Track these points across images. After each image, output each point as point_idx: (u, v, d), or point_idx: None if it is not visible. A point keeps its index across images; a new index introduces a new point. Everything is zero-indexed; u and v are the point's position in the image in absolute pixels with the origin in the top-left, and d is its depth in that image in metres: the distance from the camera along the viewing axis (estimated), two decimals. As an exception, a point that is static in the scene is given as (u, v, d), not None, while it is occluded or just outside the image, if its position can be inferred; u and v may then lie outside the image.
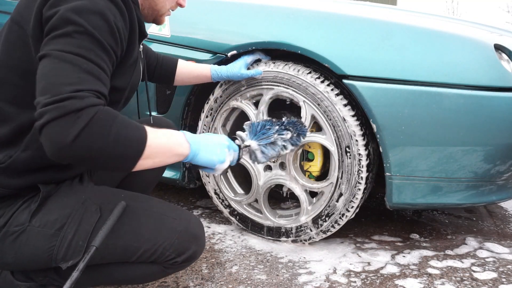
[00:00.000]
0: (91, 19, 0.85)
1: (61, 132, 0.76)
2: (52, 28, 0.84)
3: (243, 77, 1.51)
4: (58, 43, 0.82)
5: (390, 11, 2.14)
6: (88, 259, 0.96)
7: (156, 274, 1.09)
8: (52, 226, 1.00)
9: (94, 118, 0.79)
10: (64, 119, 0.76)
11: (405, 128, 1.36)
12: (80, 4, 0.85)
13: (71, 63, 0.81)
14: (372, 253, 1.55)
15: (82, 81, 0.81)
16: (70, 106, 0.77)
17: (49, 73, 0.80)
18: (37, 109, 0.78)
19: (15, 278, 1.13)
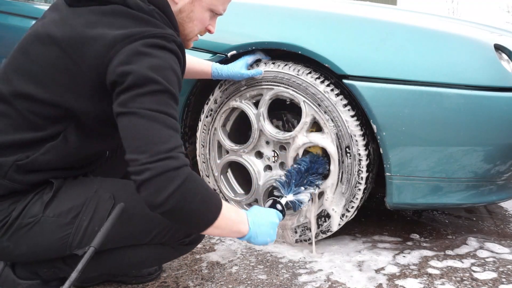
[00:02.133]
0: (167, 76, 0.94)
1: (159, 188, 0.88)
2: (132, 85, 0.91)
3: (244, 77, 1.51)
4: (143, 101, 0.90)
5: (390, 11, 2.14)
6: (87, 259, 0.98)
7: (165, 255, 1.17)
8: (66, 215, 1.05)
9: (187, 178, 0.90)
10: (164, 176, 0.88)
11: (405, 128, 1.36)
12: (155, 63, 0.93)
13: (159, 121, 0.91)
14: (372, 253, 1.55)
15: (171, 139, 0.91)
16: (168, 165, 0.88)
17: (142, 132, 0.89)
18: (135, 165, 0.88)
19: (17, 276, 1.15)
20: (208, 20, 1.14)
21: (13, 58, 1.04)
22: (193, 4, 1.09)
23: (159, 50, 0.96)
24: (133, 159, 0.89)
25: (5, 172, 1.01)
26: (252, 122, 1.56)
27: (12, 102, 1.00)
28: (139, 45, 0.93)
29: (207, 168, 1.70)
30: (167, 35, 0.98)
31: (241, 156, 1.63)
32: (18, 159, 1.01)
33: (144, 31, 0.95)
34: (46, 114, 1.01)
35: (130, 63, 0.92)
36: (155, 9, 1.01)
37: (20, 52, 1.03)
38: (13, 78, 1.01)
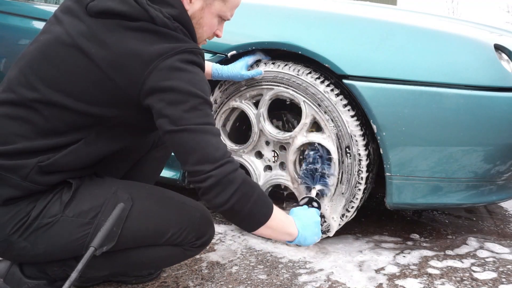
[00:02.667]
0: (203, 87, 1.03)
1: (222, 189, 0.99)
2: (176, 101, 0.98)
3: (244, 78, 1.51)
4: (191, 117, 0.99)
5: (390, 11, 2.14)
6: (87, 260, 0.98)
7: (177, 256, 1.20)
8: (86, 215, 1.07)
9: (244, 179, 1.02)
10: (226, 179, 0.99)
11: (405, 128, 1.36)
12: (192, 77, 1.01)
13: (208, 133, 1.00)
14: (372, 253, 1.55)
15: (221, 145, 1.02)
16: (228, 169, 0.99)
17: (198, 146, 0.99)
18: (199, 175, 0.98)
19: (25, 275, 1.16)
20: (217, 25, 1.19)
21: (35, 63, 1.04)
22: (203, 11, 1.13)
23: (191, 65, 1.03)
24: (197, 171, 0.99)
25: (26, 174, 1.03)
26: (252, 122, 1.56)
27: (38, 108, 1.02)
28: (174, 60, 0.99)
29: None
30: (195, 49, 1.05)
31: (241, 156, 1.63)
32: (40, 161, 1.03)
33: (175, 47, 1.01)
34: (72, 121, 1.04)
35: (170, 79, 0.98)
36: (179, 26, 1.06)
37: (43, 59, 1.03)
38: (39, 86, 1.02)
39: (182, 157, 1.01)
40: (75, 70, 1.01)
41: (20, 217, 1.05)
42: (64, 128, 1.04)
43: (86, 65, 1.00)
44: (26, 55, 1.07)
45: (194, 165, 0.99)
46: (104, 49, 0.99)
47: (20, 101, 1.03)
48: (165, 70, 0.98)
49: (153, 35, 1.01)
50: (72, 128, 1.05)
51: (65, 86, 1.02)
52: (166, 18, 1.03)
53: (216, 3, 1.13)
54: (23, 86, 1.03)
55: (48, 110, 1.02)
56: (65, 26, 1.04)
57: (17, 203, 1.05)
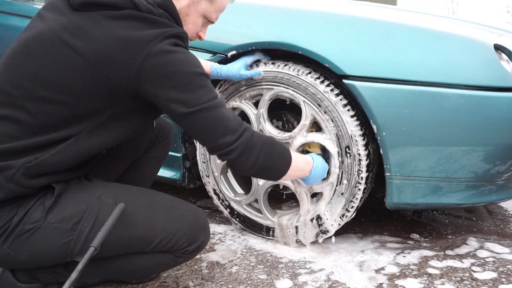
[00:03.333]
0: (198, 64, 1.05)
1: (249, 155, 1.10)
2: (181, 84, 1.01)
3: (243, 78, 1.51)
4: (201, 95, 1.03)
5: (390, 11, 2.14)
6: (87, 260, 0.98)
7: (168, 264, 1.19)
8: (68, 221, 1.04)
9: (262, 139, 1.14)
10: (249, 145, 1.09)
11: (405, 128, 1.36)
12: (186, 57, 1.03)
13: (219, 106, 1.06)
14: (372, 253, 1.55)
15: (232, 114, 1.09)
16: (247, 136, 1.09)
17: (217, 120, 1.05)
18: (225, 148, 1.07)
19: (17, 279, 1.14)
20: (200, 26, 1.19)
21: (19, 60, 1.01)
22: (189, 8, 1.13)
23: (180, 47, 1.03)
24: (221, 144, 1.06)
25: (12, 174, 1.00)
26: (252, 122, 1.56)
27: (25, 106, 1.00)
28: (164, 45, 0.99)
29: (207, 168, 1.70)
30: (181, 33, 1.05)
31: (241, 156, 1.63)
32: (27, 161, 1.00)
33: (164, 32, 1.00)
34: (62, 117, 1.01)
35: (167, 64, 0.99)
36: (164, 13, 1.05)
37: (26, 55, 1.01)
38: (24, 83, 1.00)
39: (204, 135, 1.07)
40: (61, 65, 0.99)
41: (3, 222, 1.02)
42: (53, 125, 1.01)
43: (73, 59, 0.98)
44: (9, 54, 1.05)
45: (217, 139, 1.06)
46: (91, 43, 0.97)
47: (6, 100, 1.01)
48: (159, 55, 0.98)
49: (138, 22, 1.00)
50: (62, 124, 1.02)
51: (52, 80, 0.99)
52: (150, 4, 1.02)
53: (202, 2, 1.14)
54: (8, 84, 1.01)
55: (35, 106, 1.00)
56: (48, 22, 1.02)
57: (2, 207, 1.03)
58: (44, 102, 1.00)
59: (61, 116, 1.01)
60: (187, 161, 1.77)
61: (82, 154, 1.07)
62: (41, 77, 1.00)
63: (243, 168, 1.11)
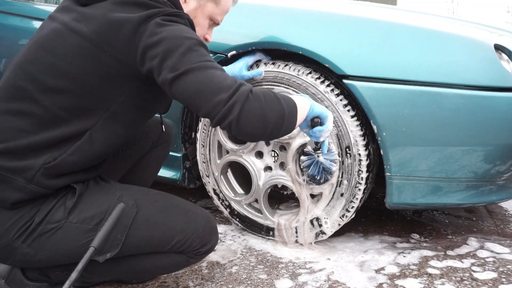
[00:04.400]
0: (193, 33, 1.01)
1: (254, 111, 0.95)
2: (171, 49, 0.96)
3: (244, 78, 1.51)
4: (190, 57, 0.96)
5: (390, 11, 2.14)
6: (87, 260, 0.98)
7: (180, 264, 1.21)
8: (90, 222, 1.06)
9: (262, 92, 1.00)
10: (249, 100, 0.95)
11: (405, 128, 1.36)
12: (177, 27, 1.00)
13: (212, 67, 0.97)
14: (372, 253, 1.55)
15: (228, 75, 0.98)
16: (245, 90, 0.95)
17: (208, 79, 0.95)
18: (221, 107, 0.93)
19: (27, 277, 1.15)
20: (207, 28, 1.22)
21: (32, 55, 1.04)
22: (197, 10, 1.16)
23: (177, 23, 1.02)
24: (216, 103, 0.93)
25: (32, 176, 1.01)
26: (252, 122, 1.56)
27: (38, 98, 1.01)
28: (159, 19, 0.99)
29: (207, 168, 1.70)
30: (181, 13, 1.05)
31: (241, 156, 1.63)
32: (46, 162, 1.02)
33: (161, 11, 1.01)
34: (74, 106, 1.03)
35: (158, 33, 0.97)
36: (168, 2, 1.08)
37: (39, 49, 1.04)
38: (37, 75, 1.02)
39: (195, 99, 0.96)
40: (70, 52, 1.01)
41: (24, 221, 1.04)
42: (65, 116, 1.02)
43: (79, 44, 1.00)
44: (22, 52, 1.08)
45: (210, 100, 0.94)
46: (93, 23, 1.00)
47: (19, 95, 1.02)
48: (152, 27, 0.98)
49: (139, 7, 1.02)
50: (74, 115, 1.03)
51: (62, 69, 1.01)
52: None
53: (209, 5, 1.17)
54: (21, 79, 1.03)
55: (48, 98, 1.01)
56: (59, 19, 1.06)
57: (21, 208, 1.04)
58: (55, 93, 1.01)
59: (72, 107, 1.03)
60: (187, 161, 1.77)
61: (98, 152, 1.09)
62: (52, 67, 1.02)
63: (253, 125, 0.95)
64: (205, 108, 0.95)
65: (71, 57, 1.01)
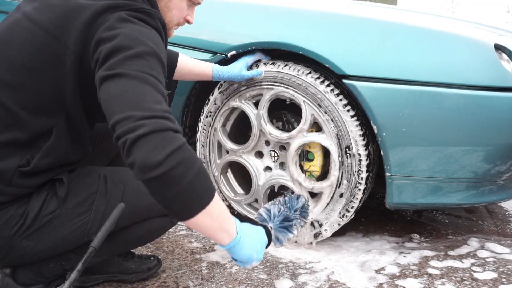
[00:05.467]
0: (156, 41, 0.91)
1: (158, 145, 0.77)
2: (120, 48, 0.86)
3: (244, 78, 1.51)
4: (132, 64, 0.84)
5: (390, 11, 2.14)
6: (87, 260, 0.98)
7: (167, 226, 1.22)
8: (84, 204, 1.09)
9: (186, 143, 0.82)
10: (164, 134, 0.79)
11: (406, 128, 1.36)
12: (140, 28, 0.90)
13: (151, 84, 0.84)
14: (372, 253, 1.55)
15: (163, 103, 0.83)
16: (167, 124, 0.80)
17: (133, 91, 0.82)
18: (128, 123, 0.78)
19: (20, 283, 1.14)
20: (186, 9, 1.15)
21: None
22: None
23: (143, 23, 0.94)
24: (125, 117, 0.79)
25: (9, 180, 1.00)
26: (252, 122, 1.56)
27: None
28: (124, 13, 0.92)
29: (207, 168, 1.70)
30: (152, 11, 0.98)
31: (241, 156, 1.63)
32: (20, 165, 1.00)
33: (130, 4, 0.94)
34: (32, 104, 0.98)
35: (116, 28, 0.89)
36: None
37: (1, 43, 1.00)
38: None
39: (110, 108, 0.82)
40: (28, 44, 0.97)
41: (15, 221, 1.03)
42: (25, 116, 0.98)
43: (36, 34, 0.96)
44: None
45: (122, 112, 0.80)
46: (50, 12, 0.96)
47: None
48: (113, 20, 0.90)
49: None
50: (34, 113, 0.99)
51: (21, 63, 0.97)
52: None
53: None
54: None
55: (4, 94, 0.97)
56: (21, 9, 1.02)
57: (6, 208, 1.03)
58: (12, 89, 0.97)
59: (31, 105, 0.98)
60: (187, 161, 1.77)
61: (71, 150, 1.08)
62: (8, 60, 0.98)
63: (146, 160, 0.76)
64: (114, 119, 0.81)
65: (25, 48, 0.96)
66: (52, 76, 0.97)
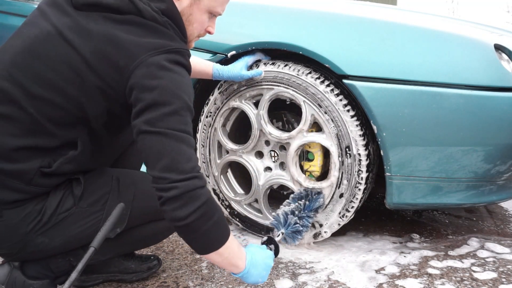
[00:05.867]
0: (188, 91, 1.01)
1: (185, 204, 0.95)
2: (159, 103, 0.95)
3: (244, 78, 1.51)
4: (170, 121, 0.96)
5: (390, 11, 2.14)
6: (87, 260, 0.99)
7: (171, 228, 1.23)
8: (97, 203, 1.12)
9: (209, 198, 0.98)
10: (191, 193, 0.95)
11: (406, 128, 1.36)
12: (178, 79, 0.99)
13: (184, 142, 0.97)
14: (372, 253, 1.55)
15: (193, 157, 0.98)
16: (195, 184, 0.95)
17: (170, 152, 0.95)
18: (163, 183, 0.94)
19: (28, 276, 1.16)
20: (207, 22, 1.16)
21: (19, 57, 1.01)
22: (192, 7, 1.10)
23: (178, 66, 1.01)
24: (161, 177, 0.95)
25: (30, 179, 1.03)
26: (252, 122, 1.56)
27: (25, 106, 1.00)
28: (162, 59, 0.97)
29: (207, 168, 1.70)
30: (183, 50, 1.03)
31: (241, 156, 1.63)
32: (42, 165, 1.03)
33: (165, 45, 0.99)
34: (58, 118, 1.02)
35: (156, 77, 0.96)
36: (168, 21, 1.04)
37: (29, 53, 1.01)
38: (24, 81, 1.00)
39: (151, 160, 0.97)
40: (60, 62, 0.99)
41: (33, 216, 1.06)
42: (51, 127, 1.02)
43: (70, 56, 0.98)
44: (8, 49, 1.04)
45: (160, 171, 0.95)
46: (89, 39, 0.97)
47: (5, 99, 1.00)
48: (152, 67, 0.96)
49: (141, 29, 0.99)
50: (60, 126, 1.03)
51: (50, 79, 1.00)
52: (155, 12, 1.01)
53: None
54: (7, 82, 1.00)
55: (33, 106, 1.00)
56: (51, 20, 1.02)
57: (24, 205, 1.06)
58: (40, 101, 1.00)
59: (57, 119, 1.02)
60: (187, 161, 1.77)
61: (92, 161, 1.13)
62: (42, 76, 1.00)
63: (174, 215, 0.96)
64: (153, 172, 0.96)
65: (58, 67, 0.99)
66: (81, 99, 1.01)
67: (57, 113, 1.02)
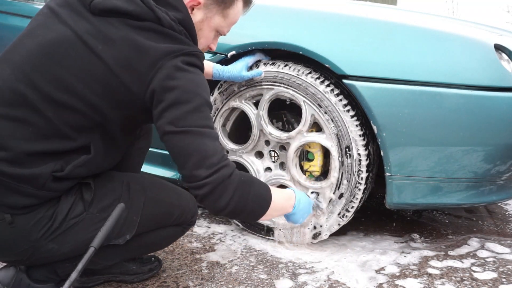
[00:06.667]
0: (205, 88, 1.05)
1: (220, 196, 1.02)
2: (180, 101, 0.99)
3: (244, 79, 1.51)
4: (192, 119, 1.00)
5: (390, 11, 2.14)
6: (87, 260, 0.99)
7: (177, 235, 1.30)
8: (108, 209, 1.12)
9: (239, 180, 1.05)
10: (222, 185, 1.01)
11: (406, 128, 1.36)
12: (196, 78, 1.03)
13: (208, 136, 1.02)
14: (372, 253, 1.55)
15: (218, 149, 1.03)
16: (224, 175, 1.01)
17: (196, 149, 1.00)
18: (195, 181, 1.00)
19: (33, 280, 1.17)
20: (212, 39, 1.21)
21: (37, 60, 1.00)
22: (203, 23, 1.14)
23: (194, 67, 1.04)
24: (192, 176, 1.00)
25: (42, 184, 1.02)
26: (252, 122, 1.56)
27: (41, 108, 1.00)
28: (179, 61, 1.01)
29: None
30: (198, 53, 1.07)
31: (241, 156, 1.63)
32: (54, 170, 1.03)
33: (181, 49, 1.02)
34: (78, 123, 1.03)
35: (175, 78, 0.99)
36: (183, 30, 1.07)
37: (47, 57, 1.00)
38: (42, 84, 0.99)
39: (180, 160, 1.02)
40: (82, 68, 1.00)
41: (44, 222, 1.06)
42: (70, 133, 1.03)
43: (93, 63, 0.99)
44: (19, 49, 1.03)
45: (190, 169, 1.00)
46: (111, 46, 0.99)
47: (19, 101, 0.99)
48: (170, 69, 0.99)
49: (159, 35, 1.02)
50: (79, 131, 1.04)
51: (71, 84, 1.00)
52: (172, 20, 1.04)
53: (216, 18, 1.15)
54: (22, 84, 0.99)
55: (51, 109, 1.00)
56: (68, 23, 1.01)
57: (36, 210, 1.05)
58: (59, 106, 1.01)
59: (77, 124, 1.03)
60: (187, 161, 1.77)
61: (104, 165, 1.14)
62: (62, 80, 1.00)
63: (215, 207, 1.03)
64: (184, 172, 1.02)
65: (82, 76, 1.00)
66: (102, 105, 1.02)
67: (76, 117, 1.02)
